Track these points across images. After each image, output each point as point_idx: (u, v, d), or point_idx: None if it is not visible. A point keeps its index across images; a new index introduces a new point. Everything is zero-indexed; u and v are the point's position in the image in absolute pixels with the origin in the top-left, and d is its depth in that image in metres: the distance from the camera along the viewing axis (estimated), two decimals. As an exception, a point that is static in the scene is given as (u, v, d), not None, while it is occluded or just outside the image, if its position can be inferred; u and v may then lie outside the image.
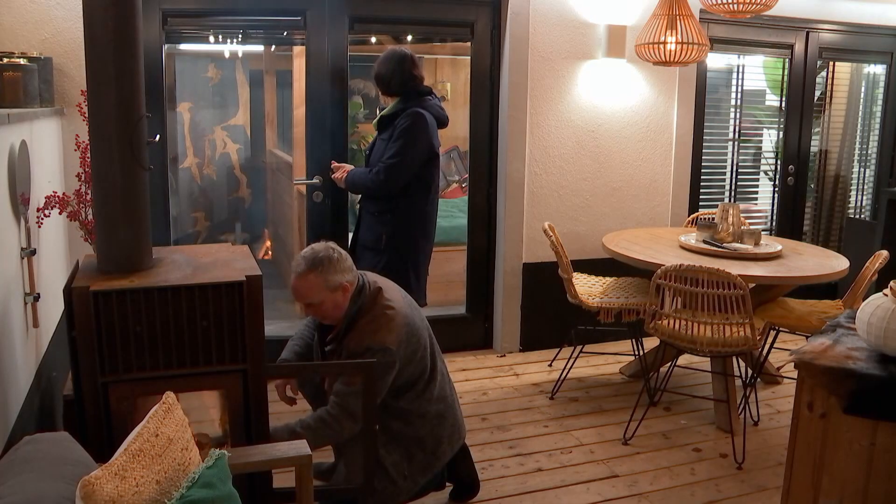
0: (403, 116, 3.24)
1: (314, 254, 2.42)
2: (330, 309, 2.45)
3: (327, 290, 2.41)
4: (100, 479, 1.33)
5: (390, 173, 3.22)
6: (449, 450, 2.58)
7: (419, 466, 2.48)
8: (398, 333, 2.41)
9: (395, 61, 3.29)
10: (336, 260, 2.42)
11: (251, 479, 2.17)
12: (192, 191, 6.07)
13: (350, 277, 2.45)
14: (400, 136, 3.22)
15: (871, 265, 3.44)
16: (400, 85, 3.30)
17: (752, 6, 3.40)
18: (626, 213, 4.58)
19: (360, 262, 3.28)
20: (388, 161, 3.22)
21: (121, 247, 2.14)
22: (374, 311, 2.43)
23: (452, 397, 2.64)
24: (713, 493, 2.92)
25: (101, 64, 2.05)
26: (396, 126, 3.25)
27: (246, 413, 2.16)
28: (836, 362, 1.86)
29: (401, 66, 3.29)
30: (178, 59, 5.82)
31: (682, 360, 4.01)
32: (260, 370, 2.16)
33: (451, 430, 2.57)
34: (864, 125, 5.55)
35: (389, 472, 2.42)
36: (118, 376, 2.02)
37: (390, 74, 3.30)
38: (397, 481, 2.43)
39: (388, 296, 2.49)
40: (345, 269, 2.44)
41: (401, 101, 3.31)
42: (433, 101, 3.36)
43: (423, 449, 2.50)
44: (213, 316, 2.08)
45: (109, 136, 2.08)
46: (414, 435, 2.48)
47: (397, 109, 3.29)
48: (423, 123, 3.24)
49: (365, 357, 2.32)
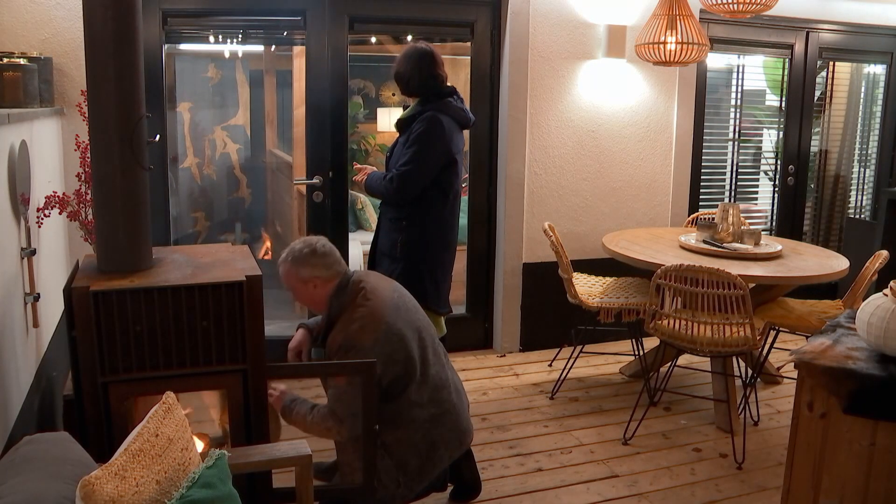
0: (419, 121, 3.10)
1: (294, 245, 2.53)
2: (307, 300, 2.53)
3: (298, 281, 2.49)
4: (100, 479, 1.33)
5: (404, 181, 3.09)
6: (447, 455, 2.50)
7: (414, 472, 2.43)
8: (373, 332, 2.36)
9: (414, 59, 3.14)
10: (309, 254, 2.47)
11: (251, 479, 2.17)
12: (192, 191, 6.07)
13: (325, 274, 2.47)
14: (414, 142, 3.09)
15: (871, 265, 3.44)
16: (419, 85, 3.15)
17: (752, 6, 3.40)
18: (626, 213, 4.58)
19: (378, 268, 3.23)
20: (402, 168, 3.10)
21: (121, 247, 2.14)
22: (351, 309, 2.43)
23: (453, 402, 2.54)
24: (713, 493, 2.92)
25: (101, 64, 2.05)
26: (412, 131, 3.11)
27: (246, 413, 2.16)
28: (836, 362, 1.86)
29: (419, 65, 3.13)
30: (178, 59, 5.82)
31: (682, 360, 4.01)
32: (260, 370, 2.16)
33: (449, 434, 2.49)
34: (864, 125, 5.56)
35: (382, 478, 2.38)
36: (118, 376, 2.02)
37: (409, 74, 3.15)
38: (389, 487, 2.40)
39: (370, 296, 2.45)
40: (318, 264, 2.47)
41: (420, 102, 3.17)
42: (454, 102, 3.20)
43: (418, 454, 2.43)
44: (213, 316, 2.08)
45: (109, 137, 2.08)
46: (406, 440, 2.42)
47: (416, 112, 3.15)
48: (440, 128, 3.09)
49: (339, 355, 2.35)
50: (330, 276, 2.48)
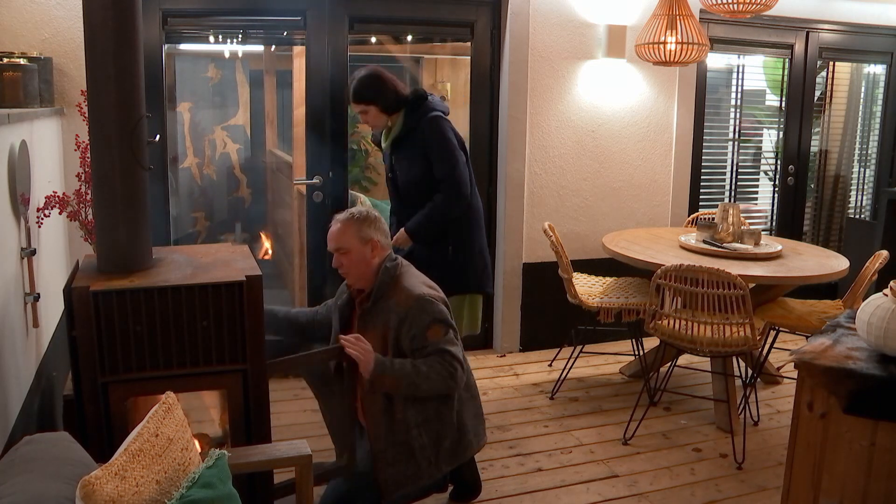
0: (421, 129, 3.10)
1: (357, 208, 2.59)
2: (356, 260, 2.49)
3: (358, 240, 2.49)
4: (100, 479, 1.33)
5: (458, 185, 3.11)
6: (475, 442, 2.55)
7: (446, 454, 2.46)
8: (438, 296, 2.48)
9: (376, 82, 3.10)
10: (374, 219, 2.55)
11: (251, 479, 2.17)
12: (192, 191, 6.06)
13: (384, 240, 2.55)
14: (439, 146, 3.09)
15: (871, 265, 3.44)
16: (395, 101, 3.13)
17: (752, 6, 3.40)
18: (626, 213, 4.58)
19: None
20: (448, 172, 3.10)
21: (121, 247, 2.14)
22: (402, 280, 2.50)
23: (477, 391, 2.65)
24: (713, 493, 2.92)
25: (101, 64, 2.05)
26: (426, 141, 3.10)
27: (246, 413, 2.16)
28: (836, 362, 1.86)
29: (384, 85, 3.11)
30: (178, 59, 5.82)
31: (682, 360, 4.01)
32: (260, 370, 2.16)
33: (475, 422, 2.57)
34: (864, 125, 5.56)
35: (416, 455, 2.40)
36: (118, 376, 2.02)
37: (383, 95, 3.11)
38: (422, 465, 2.42)
39: (417, 274, 2.58)
40: (381, 230, 2.55)
41: (406, 115, 3.15)
42: (434, 99, 3.24)
43: (453, 437, 2.47)
44: (213, 316, 2.08)
45: (109, 136, 2.08)
46: (448, 420, 2.46)
47: (411, 125, 3.13)
48: (446, 124, 3.14)
49: (412, 313, 2.37)
50: (386, 244, 2.56)
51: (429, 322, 2.38)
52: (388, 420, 2.40)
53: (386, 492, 2.40)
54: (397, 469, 2.39)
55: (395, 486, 2.40)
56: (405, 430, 2.39)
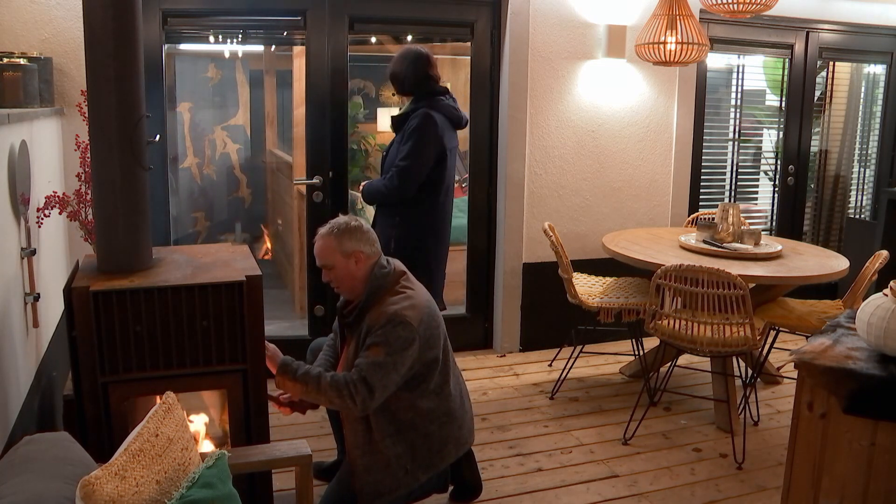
0: (413, 117, 3.21)
1: (337, 220, 2.51)
2: (343, 275, 2.47)
3: (340, 255, 2.44)
4: (100, 479, 1.33)
5: (404, 176, 3.17)
6: (454, 452, 2.55)
7: (422, 463, 2.46)
8: (419, 312, 2.41)
9: (409, 60, 3.25)
10: (354, 229, 2.48)
11: (251, 479, 2.17)
12: (192, 191, 6.07)
13: (368, 250, 2.48)
14: (409, 138, 3.18)
15: (871, 265, 3.44)
16: (413, 85, 3.26)
17: (752, 6, 3.40)
18: (626, 213, 4.58)
19: None
20: (400, 164, 3.18)
21: (121, 247, 2.14)
22: (397, 288, 2.47)
23: (463, 402, 2.62)
24: (713, 493, 2.92)
25: (101, 64, 2.05)
26: (406, 128, 3.22)
27: (246, 413, 2.16)
28: (836, 362, 1.86)
29: (415, 66, 3.24)
30: (178, 59, 5.82)
31: (682, 360, 4.01)
32: (260, 370, 2.16)
33: (458, 432, 2.55)
34: (864, 125, 5.55)
35: (392, 464, 2.40)
36: (118, 376, 2.03)
37: (404, 73, 3.26)
38: (397, 474, 2.42)
39: (413, 284, 2.54)
40: (363, 240, 2.48)
41: (413, 101, 3.27)
42: (447, 101, 3.28)
43: (429, 447, 2.47)
44: (213, 316, 2.08)
45: (109, 136, 2.08)
46: (422, 430, 2.46)
47: (409, 110, 3.25)
48: (432, 123, 3.18)
49: (385, 328, 2.33)
50: (371, 254, 2.50)
51: (376, 340, 2.32)
52: (364, 428, 2.40)
53: (363, 500, 2.39)
54: (373, 477, 2.39)
55: (372, 494, 2.40)
56: (380, 438, 2.39)
